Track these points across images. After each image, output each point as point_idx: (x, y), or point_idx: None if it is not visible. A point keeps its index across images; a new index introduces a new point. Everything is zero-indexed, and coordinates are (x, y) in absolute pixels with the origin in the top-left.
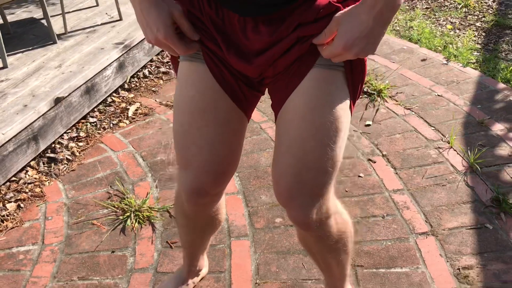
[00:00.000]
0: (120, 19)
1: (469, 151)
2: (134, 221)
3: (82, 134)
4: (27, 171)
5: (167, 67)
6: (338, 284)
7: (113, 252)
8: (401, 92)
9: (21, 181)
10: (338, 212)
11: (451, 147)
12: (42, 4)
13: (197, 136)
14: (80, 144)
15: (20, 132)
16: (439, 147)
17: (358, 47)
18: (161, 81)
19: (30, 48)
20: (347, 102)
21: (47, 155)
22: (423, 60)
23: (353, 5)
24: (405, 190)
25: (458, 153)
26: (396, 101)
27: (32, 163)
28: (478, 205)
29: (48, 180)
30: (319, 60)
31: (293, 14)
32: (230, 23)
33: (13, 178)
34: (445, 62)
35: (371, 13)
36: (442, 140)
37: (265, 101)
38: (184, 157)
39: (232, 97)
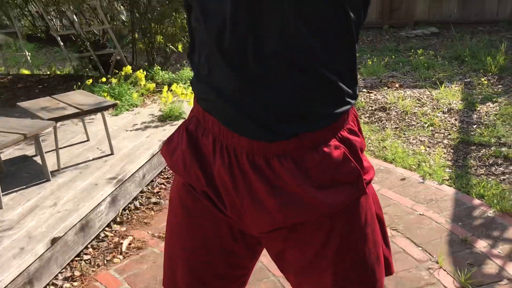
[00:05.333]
0: (112, 154)
1: (458, 271)
2: None
3: (76, 273)
4: None
5: (158, 197)
6: None
7: None
8: (385, 213)
9: None
10: None
11: (441, 267)
12: (38, 143)
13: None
14: (75, 283)
15: (17, 277)
16: (429, 268)
17: None
18: (153, 212)
19: (24, 186)
20: (374, 215)
21: None
22: (402, 179)
23: None
24: None
25: (448, 273)
26: None
27: None
28: None
29: None
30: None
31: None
32: (240, 169)
33: None
34: (421, 180)
35: None
36: (431, 260)
37: None
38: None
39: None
